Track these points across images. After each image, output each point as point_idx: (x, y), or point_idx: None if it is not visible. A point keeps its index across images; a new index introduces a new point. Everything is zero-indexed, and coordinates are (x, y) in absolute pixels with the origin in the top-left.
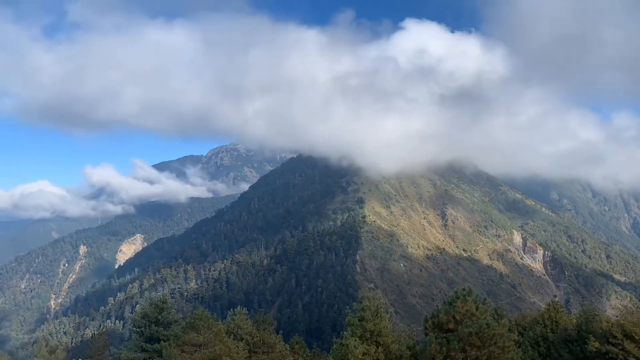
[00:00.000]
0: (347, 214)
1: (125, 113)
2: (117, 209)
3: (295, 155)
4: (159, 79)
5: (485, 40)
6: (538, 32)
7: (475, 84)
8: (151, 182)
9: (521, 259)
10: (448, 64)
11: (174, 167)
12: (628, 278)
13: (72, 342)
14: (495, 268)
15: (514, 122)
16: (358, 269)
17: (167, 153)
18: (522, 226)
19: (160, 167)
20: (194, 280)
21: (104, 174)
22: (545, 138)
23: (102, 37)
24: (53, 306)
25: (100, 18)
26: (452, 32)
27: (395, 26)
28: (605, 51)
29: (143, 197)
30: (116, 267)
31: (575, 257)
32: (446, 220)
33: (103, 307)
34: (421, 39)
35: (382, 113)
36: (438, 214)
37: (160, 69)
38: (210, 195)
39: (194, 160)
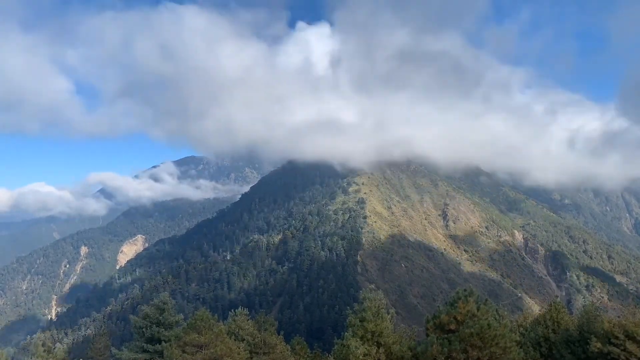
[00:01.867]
0: (348, 215)
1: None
2: (118, 210)
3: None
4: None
5: None
6: None
7: None
8: (152, 183)
9: (522, 259)
10: None
11: (175, 168)
12: (630, 278)
13: (73, 343)
14: (496, 268)
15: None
16: (359, 270)
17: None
18: (523, 226)
19: (162, 167)
20: (195, 281)
21: (105, 175)
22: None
23: None
24: (54, 307)
25: None
26: None
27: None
28: None
29: (144, 198)
30: (117, 267)
31: (576, 258)
32: (447, 221)
33: (104, 308)
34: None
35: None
36: (439, 214)
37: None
38: (211, 195)
39: (195, 161)
